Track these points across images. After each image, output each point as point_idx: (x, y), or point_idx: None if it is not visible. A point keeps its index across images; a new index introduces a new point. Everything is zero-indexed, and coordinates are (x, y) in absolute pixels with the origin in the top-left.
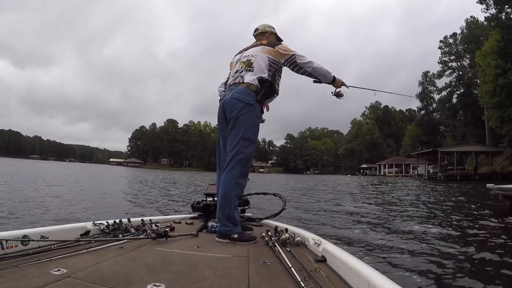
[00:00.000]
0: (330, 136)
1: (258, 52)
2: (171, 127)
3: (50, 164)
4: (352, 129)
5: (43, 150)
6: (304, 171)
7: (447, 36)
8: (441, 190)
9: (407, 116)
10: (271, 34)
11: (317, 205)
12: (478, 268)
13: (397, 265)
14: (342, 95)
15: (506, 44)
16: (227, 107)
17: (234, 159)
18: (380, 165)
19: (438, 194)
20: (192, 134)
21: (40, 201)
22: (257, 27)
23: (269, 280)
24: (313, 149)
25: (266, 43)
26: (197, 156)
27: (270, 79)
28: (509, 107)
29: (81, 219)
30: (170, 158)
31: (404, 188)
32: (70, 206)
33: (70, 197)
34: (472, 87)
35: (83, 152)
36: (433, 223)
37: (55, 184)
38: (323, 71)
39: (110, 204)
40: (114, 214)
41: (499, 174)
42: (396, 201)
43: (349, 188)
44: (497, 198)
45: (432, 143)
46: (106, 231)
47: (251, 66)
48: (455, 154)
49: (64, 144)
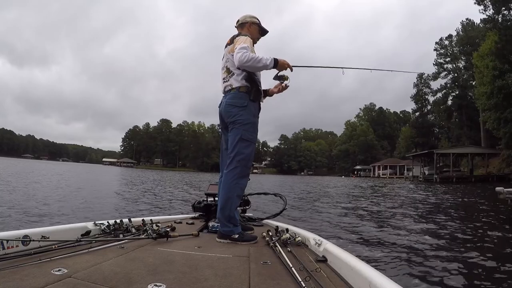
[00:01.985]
0: (324, 137)
1: (227, 55)
2: (165, 127)
3: (43, 164)
4: (346, 130)
5: (36, 150)
6: (298, 172)
7: (443, 38)
8: (442, 192)
9: (401, 117)
10: (252, 25)
11: (317, 205)
12: (481, 270)
13: (398, 265)
14: (286, 78)
15: (504, 46)
16: (223, 114)
17: (234, 159)
18: (374, 166)
19: (437, 196)
20: (186, 134)
21: (40, 201)
22: (239, 18)
23: (270, 280)
24: (307, 150)
25: (229, 42)
26: (190, 156)
27: (248, 74)
28: (506, 109)
29: (81, 219)
30: (163, 158)
31: (402, 190)
32: (69, 206)
33: (67, 197)
34: (467, 89)
35: (76, 151)
36: (434, 224)
37: (52, 183)
38: (254, 62)
39: (108, 204)
40: (114, 214)
41: (495, 176)
42: (396, 202)
43: (350, 190)
44: (505, 201)
45: (426, 145)
46: (106, 231)
47: (230, 72)
48: (451, 156)
49: (57, 143)
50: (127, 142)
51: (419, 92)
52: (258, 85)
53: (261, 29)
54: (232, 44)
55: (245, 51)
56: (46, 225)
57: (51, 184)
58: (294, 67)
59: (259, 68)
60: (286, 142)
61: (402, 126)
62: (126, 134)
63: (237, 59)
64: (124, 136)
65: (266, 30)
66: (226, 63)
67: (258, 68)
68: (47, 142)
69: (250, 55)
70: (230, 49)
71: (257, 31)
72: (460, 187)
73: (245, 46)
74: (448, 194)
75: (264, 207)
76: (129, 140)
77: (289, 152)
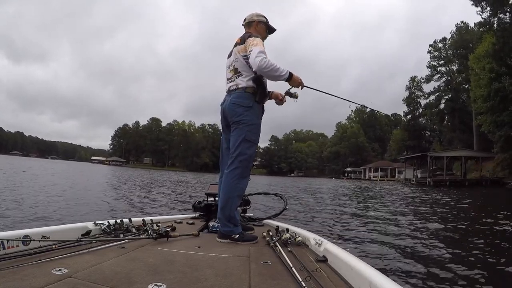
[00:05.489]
0: (314, 139)
1: (237, 55)
2: (155, 126)
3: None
4: (337, 132)
5: (25, 147)
6: (288, 173)
7: (437, 41)
8: (440, 194)
9: (393, 120)
10: (259, 23)
11: (317, 205)
12: (482, 271)
13: (398, 265)
14: (296, 97)
15: (501, 47)
16: (227, 113)
17: (236, 160)
18: (365, 169)
19: (433, 197)
20: (176, 133)
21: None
22: (246, 16)
23: (270, 280)
24: (297, 152)
25: (239, 41)
26: (180, 156)
27: (257, 76)
28: (503, 112)
29: (81, 219)
30: (152, 158)
31: (399, 192)
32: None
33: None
34: (460, 92)
35: (65, 149)
36: (435, 224)
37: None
38: (272, 70)
39: (104, 204)
40: (113, 214)
41: (488, 180)
42: (395, 203)
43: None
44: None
45: (418, 147)
46: (107, 231)
47: (238, 72)
48: (445, 159)
49: (46, 140)
50: (116, 141)
51: (411, 95)
52: (265, 87)
53: (268, 27)
54: (243, 45)
55: (265, 57)
56: (46, 225)
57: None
58: (305, 87)
59: (275, 77)
60: (277, 143)
61: (393, 129)
62: (115, 132)
63: (256, 63)
64: (114, 135)
65: (273, 28)
66: (234, 62)
67: (273, 76)
68: (36, 139)
69: (269, 62)
70: (240, 49)
71: (265, 30)
72: (456, 190)
73: (263, 51)
74: (446, 196)
75: (265, 207)
76: (118, 139)
77: (279, 153)
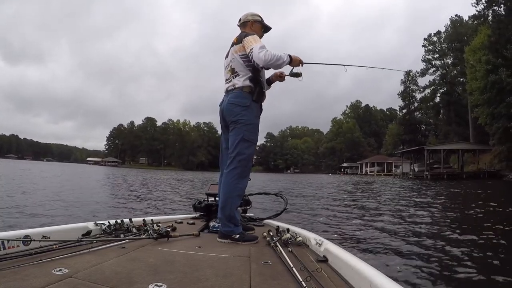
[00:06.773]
0: (310, 135)
1: (233, 55)
2: (150, 126)
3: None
4: (332, 127)
5: (20, 149)
6: (285, 170)
7: (431, 34)
8: (441, 188)
9: (388, 115)
10: (254, 23)
11: (317, 205)
12: (482, 271)
13: (398, 265)
14: (300, 75)
15: (497, 39)
16: (225, 113)
17: (235, 159)
18: (361, 163)
19: (435, 192)
20: (171, 132)
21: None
22: (240, 17)
23: (271, 280)
24: (293, 148)
25: (236, 41)
26: (175, 155)
27: (253, 75)
28: (499, 104)
29: (82, 219)
30: (148, 157)
31: (398, 187)
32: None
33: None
34: (456, 85)
35: (61, 151)
36: (435, 224)
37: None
38: (276, 60)
39: (105, 204)
40: (114, 214)
41: (486, 172)
42: (395, 201)
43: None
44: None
45: (413, 141)
46: (107, 231)
47: (235, 72)
48: (442, 152)
49: (41, 143)
50: (111, 141)
51: (407, 89)
52: (262, 86)
53: (264, 26)
54: (240, 44)
55: (266, 50)
56: (47, 225)
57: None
58: (305, 64)
59: (280, 65)
60: (273, 140)
61: (388, 124)
62: (110, 133)
63: (261, 59)
64: (109, 135)
65: (269, 27)
66: (231, 62)
67: (279, 65)
68: (31, 141)
69: (272, 54)
70: (237, 49)
71: (260, 29)
72: (455, 183)
73: (263, 45)
74: (448, 190)
75: (265, 207)
76: (113, 139)
77: (275, 150)
